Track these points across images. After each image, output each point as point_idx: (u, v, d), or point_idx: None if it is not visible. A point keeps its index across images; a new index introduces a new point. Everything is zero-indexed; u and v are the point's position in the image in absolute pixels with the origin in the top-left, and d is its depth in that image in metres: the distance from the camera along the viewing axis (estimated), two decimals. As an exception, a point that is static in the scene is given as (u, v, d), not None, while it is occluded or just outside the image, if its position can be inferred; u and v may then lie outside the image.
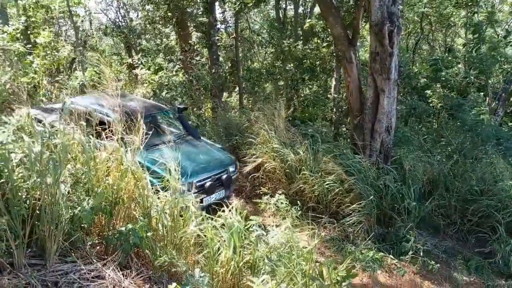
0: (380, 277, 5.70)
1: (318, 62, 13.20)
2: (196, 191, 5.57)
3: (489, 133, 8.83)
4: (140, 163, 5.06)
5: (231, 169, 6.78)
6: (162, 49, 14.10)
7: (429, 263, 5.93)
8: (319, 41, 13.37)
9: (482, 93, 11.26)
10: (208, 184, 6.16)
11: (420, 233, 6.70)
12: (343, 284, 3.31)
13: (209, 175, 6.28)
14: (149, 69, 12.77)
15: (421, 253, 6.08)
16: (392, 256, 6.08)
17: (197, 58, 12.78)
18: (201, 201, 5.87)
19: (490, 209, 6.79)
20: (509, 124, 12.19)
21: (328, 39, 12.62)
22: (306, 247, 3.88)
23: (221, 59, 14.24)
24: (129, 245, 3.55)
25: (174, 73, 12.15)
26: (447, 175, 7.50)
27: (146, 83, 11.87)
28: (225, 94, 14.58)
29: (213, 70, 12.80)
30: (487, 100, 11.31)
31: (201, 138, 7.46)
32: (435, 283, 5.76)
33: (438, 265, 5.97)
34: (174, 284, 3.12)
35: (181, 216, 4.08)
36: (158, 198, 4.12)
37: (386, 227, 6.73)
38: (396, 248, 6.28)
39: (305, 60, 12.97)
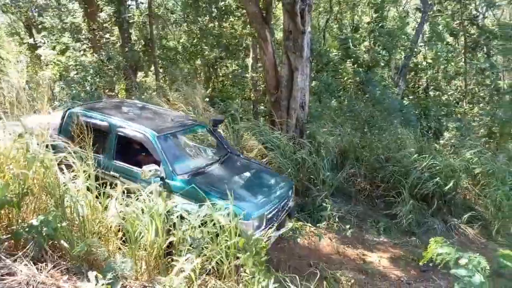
0: (300, 244, 6.04)
1: (234, 41, 13.21)
2: (265, 226, 4.67)
3: (393, 105, 9.63)
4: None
5: (290, 193, 5.56)
6: (67, 28, 13.07)
7: (343, 228, 6.42)
8: (234, 19, 13.36)
9: (386, 69, 12.21)
10: (277, 215, 5.03)
11: (335, 201, 7.19)
12: (262, 253, 3.49)
13: (277, 205, 5.00)
14: (54, 49, 11.79)
15: (336, 219, 6.56)
16: (310, 224, 6.46)
17: (107, 37, 12.06)
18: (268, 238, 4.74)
19: (395, 175, 7.51)
20: (410, 96, 13.38)
21: (243, 18, 12.67)
22: (229, 223, 3.95)
23: (133, 37, 13.60)
24: (42, 238, 3.35)
25: (82, 53, 11.36)
26: (356, 146, 8.11)
27: (51, 64, 10.97)
28: (140, 74, 14.02)
29: (126, 49, 12.20)
30: (391, 74, 12.29)
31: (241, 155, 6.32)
32: (349, 245, 6.25)
33: (352, 229, 6.48)
34: (95, 272, 3.04)
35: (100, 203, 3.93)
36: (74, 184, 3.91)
37: (303, 197, 7.11)
38: (313, 216, 6.68)
39: (221, 39, 12.91)
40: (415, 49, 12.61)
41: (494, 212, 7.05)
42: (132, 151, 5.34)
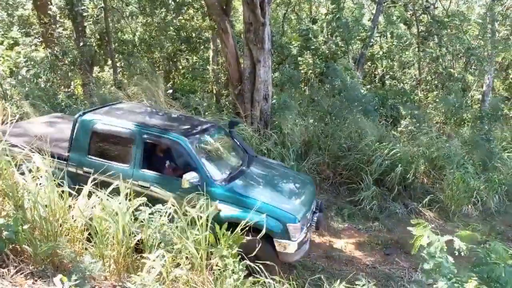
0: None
1: (194, 33, 13.02)
2: (307, 227, 4.75)
3: (354, 95, 9.82)
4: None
5: (315, 190, 5.72)
6: (16, 21, 12.39)
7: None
8: (193, 11, 13.14)
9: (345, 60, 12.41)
10: (318, 216, 5.12)
11: (300, 191, 7.30)
12: (234, 246, 3.50)
13: (311, 204, 5.07)
14: (1, 44, 11.15)
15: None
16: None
17: (60, 31, 11.53)
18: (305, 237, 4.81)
19: (357, 163, 7.71)
20: (368, 86, 13.71)
21: (202, 10, 12.50)
22: (201, 217, 3.91)
23: (88, 31, 13.09)
24: (2, 242, 3.20)
25: (33, 47, 10.81)
26: (319, 135, 8.26)
27: (0, 60, 10.38)
28: (96, 69, 13.53)
29: (81, 43, 11.72)
30: (349, 65, 12.52)
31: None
32: (316, 233, 6.37)
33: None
34: (60, 275, 2.94)
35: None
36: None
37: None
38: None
39: (180, 31, 12.69)
40: (372, 39, 12.92)
41: (450, 195, 7.41)
42: (161, 159, 5.01)
